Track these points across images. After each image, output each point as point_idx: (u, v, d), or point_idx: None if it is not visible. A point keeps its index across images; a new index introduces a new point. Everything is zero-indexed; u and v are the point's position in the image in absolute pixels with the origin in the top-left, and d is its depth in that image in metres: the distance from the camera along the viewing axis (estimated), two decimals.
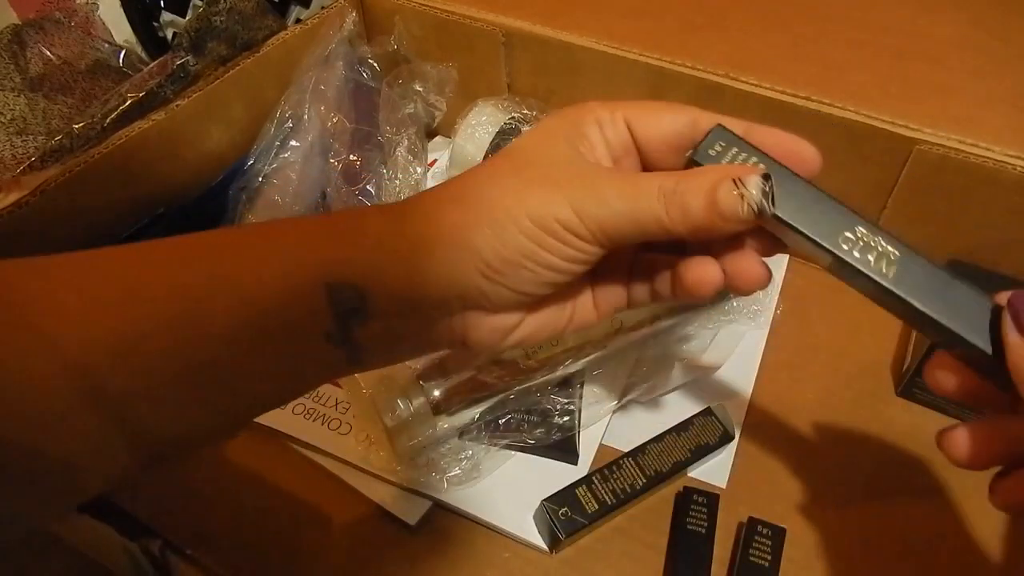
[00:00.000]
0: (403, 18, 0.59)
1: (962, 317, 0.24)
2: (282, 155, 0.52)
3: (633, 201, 0.23)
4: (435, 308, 0.24)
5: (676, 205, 0.22)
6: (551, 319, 0.27)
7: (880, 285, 0.24)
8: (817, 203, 0.24)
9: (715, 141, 0.25)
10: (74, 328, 0.21)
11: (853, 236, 0.24)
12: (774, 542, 0.37)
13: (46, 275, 0.22)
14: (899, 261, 0.24)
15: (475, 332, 0.25)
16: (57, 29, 0.49)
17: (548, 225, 0.22)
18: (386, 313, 0.23)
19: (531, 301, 0.25)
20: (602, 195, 0.23)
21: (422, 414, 0.38)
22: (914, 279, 0.24)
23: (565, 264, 0.23)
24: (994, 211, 0.44)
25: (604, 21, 0.53)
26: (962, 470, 0.41)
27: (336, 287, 0.23)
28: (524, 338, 0.27)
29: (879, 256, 0.24)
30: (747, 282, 0.25)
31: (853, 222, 0.24)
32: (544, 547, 0.39)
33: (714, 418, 0.42)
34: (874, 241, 0.24)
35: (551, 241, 0.23)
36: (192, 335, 0.22)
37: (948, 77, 0.48)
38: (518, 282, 0.23)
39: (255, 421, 0.43)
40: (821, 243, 0.24)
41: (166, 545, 0.37)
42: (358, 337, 0.24)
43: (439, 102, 0.59)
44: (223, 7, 0.49)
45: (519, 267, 0.23)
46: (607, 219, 0.23)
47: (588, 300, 0.28)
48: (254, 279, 0.23)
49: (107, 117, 0.45)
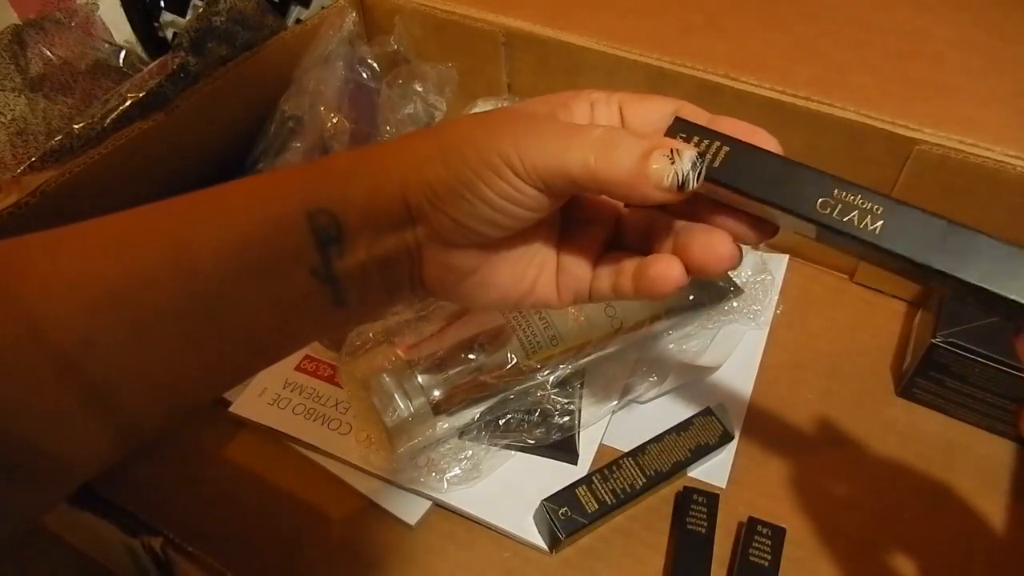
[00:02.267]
0: (403, 18, 0.59)
1: (969, 263, 0.23)
2: (282, 155, 0.52)
3: (568, 140, 0.23)
4: (395, 228, 0.25)
5: (607, 155, 0.23)
6: (508, 280, 0.27)
7: (868, 243, 0.23)
8: (789, 174, 0.24)
9: (676, 133, 0.25)
10: (61, 292, 0.23)
11: (831, 199, 0.23)
12: (774, 542, 0.37)
13: (30, 245, 0.24)
14: (884, 215, 0.23)
15: (429, 267, 0.26)
16: (57, 29, 0.49)
17: (489, 158, 0.23)
18: (356, 236, 0.25)
19: (479, 242, 0.26)
20: (544, 136, 0.23)
21: (422, 414, 0.38)
22: (906, 232, 0.23)
23: (501, 202, 0.24)
24: (994, 211, 0.44)
25: (604, 21, 0.54)
26: (961, 471, 0.41)
27: (315, 213, 0.24)
28: (477, 291, 0.27)
29: (862, 214, 0.23)
30: (714, 258, 0.25)
31: (829, 185, 0.24)
32: (544, 547, 0.39)
33: (714, 418, 0.42)
34: (854, 199, 0.23)
35: (489, 174, 0.23)
36: (181, 274, 0.23)
37: (948, 77, 0.48)
38: (458, 213, 0.24)
39: (255, 421, 0.43)
40: (795, 210, 0.24)
41: (167, 543, 0.37)
42: (338, 270, 0.25)
43: (439, 102, 0.59)
44: (223, 7, 0.49)
45: (459, 196, 0.24)
46: (542, 159, 0.23)
47: (551, 278, 0.28)
48: (239, 215, 0.24)
49: (107, 117, 0.44)
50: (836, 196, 0.23)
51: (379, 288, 0.27)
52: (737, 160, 0.24)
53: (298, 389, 0.44)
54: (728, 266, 0.25)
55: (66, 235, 0.24)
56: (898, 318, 0.50)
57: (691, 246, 0.25)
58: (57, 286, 0.23)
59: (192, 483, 0.42)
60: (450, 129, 0.25)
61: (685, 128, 0.25)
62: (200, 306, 0.24)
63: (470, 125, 0.25)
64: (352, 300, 0.26)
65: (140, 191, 0.48)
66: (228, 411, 0.43)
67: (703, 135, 0.25)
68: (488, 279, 0.27)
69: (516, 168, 0.23)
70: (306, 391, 0.44)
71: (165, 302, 0.23)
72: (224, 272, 0.24)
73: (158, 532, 0.37)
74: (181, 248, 0.24)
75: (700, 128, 0.25)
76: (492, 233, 0.25)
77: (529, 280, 0.28)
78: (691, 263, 0.25)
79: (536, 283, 0.28)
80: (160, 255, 0.24)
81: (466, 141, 0.24)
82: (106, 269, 0.23)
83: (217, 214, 0.25)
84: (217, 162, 0.52)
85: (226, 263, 0.24)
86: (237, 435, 0.44)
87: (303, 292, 0.25)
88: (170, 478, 0.42)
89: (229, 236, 0.24)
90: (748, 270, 0.50)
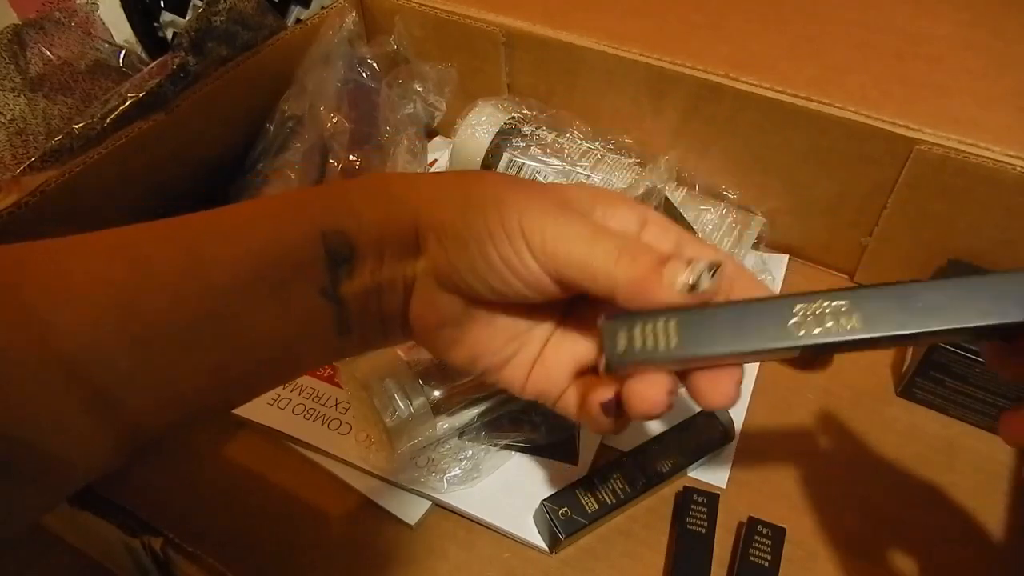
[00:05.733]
0: (403, 18, 0.59)
1: (949, 310, 0.23)
2: (282, 155, 0.52)
3: (592, 240, 0.24)
4: (400, 256, 0.26)
5: (627, 258, 0.23)
6: (483, 345, 0.27)
7: (855, 340, 0.23)
8: (748, 315, 0.23)
9: (616, 328, 0.24)
10: (72, 296, 0.23)
11: (799, 318, 0.23)
12: (774, 542, 0.37)
13: (42, 250, 0.24)
14: (853, 307, 0.23)
15: (417, 302, 0.26)
16: (57, 29, 0.49)
17: (509, 224, 0.23)
18: (365, 259, 0.25)
19: (469, 294, 0.26)
20: (570, 227, 0.24)
21: (422, 414, 0.38)
22: (881, 312, 0.23)
23: (502, 267, 0.24)
24: (994, 211, 0.44)
25: (604, 21, 0.53)
26: (961, 471, 0.41)
27: (329, 234, 0.25)
28: (452, 345, 0.27)
29: (834, 316, 0.23)
30: (714, 398, 0.25)
31: (789, 305, 0.23)
32: (544, 547, 0.39)
33: (714, 418, 0.42)
34: (819, 307, 0.23)
35: (502, 238, 0.23)
36: (192, 283, 0.24)
37: (948, 77, 0.48)
38: (458, 260, 0.24)
39: (255, 421, 0.43)
40: (776, 347, 0.23)
41: (167, 543, 0.37)
42: (345, 293, 0.25)
43: (439, 102, 0.59)
44: (223, 7, 0.49)
45: (464, 246, 0.24)
46: (565, 247, 0.23)
47: (525, 365, 0.28)
48: (255, 231, 0.25)
49: (107, 117, 0.44)
50: (801, 313, 0.23)
51: (376, 317, 0.27)
52: (691, 327, 0.23)
53: (298, 389, 0.45)
54: (731, 403, 0.25)
55: (79, 240, 0.24)
56: None
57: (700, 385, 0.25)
58: (68, 290, 0.23)
59: (192, 483, 0.42)
60: (479, 181, 0.26)
61: (624, 318, 0.24)
62: (208, 317, 0.24)
63: (502, 185, 0.25)
64: (353, 327, 0.27)
65: (140, 191, 0.48)
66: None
67: (647, 319, 0.24)
68: (465, 336, 0.27)
69: (533, 244, 0.23)
70: (306, 391, 0.44)
71: (174, 310, 0.24)
72: (236, 285, 0.24)
73: (158, 532, 0.37)
74: (194, 259, 0.24)
75: (639, 314, 0.24)
76: (482, 292, 0.25)
77: (503, 356, 0.28)
78: (699, 399, 0.25)
79: (509, 362, 0.28)
80: (173, 264, 0.24)
81: (492, 200, 0.24)
82: (117, 275, 0.23)
83: (233, 230, 0.25)
84: (217, 162, 0.52)
85: (239, 276, 0.24)
86: (237, 435, 0.44)
87: (310, 312, 0.25)
88: (170, 478, 0.42)
89: (243, 251, 0.24)
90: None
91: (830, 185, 0.49)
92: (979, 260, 0.45)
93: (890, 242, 0.48)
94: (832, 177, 0.48)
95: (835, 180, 0.48)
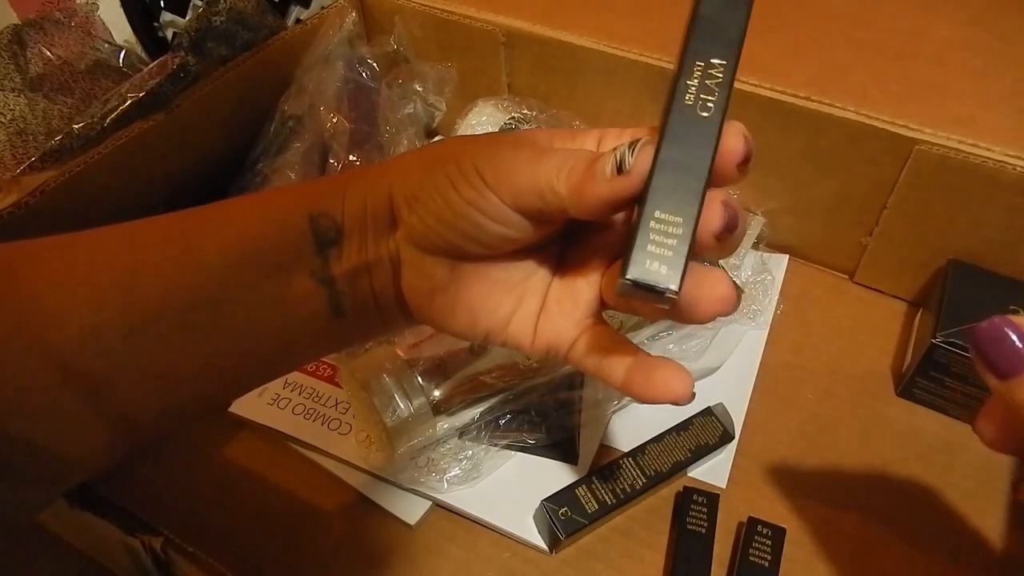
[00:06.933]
0: (403, 18, 0.59)
1: None
2: (282, 155, 0.52)
3: (537, 160, 0.24)
4: (381, 232, 0.26)
5: (566, 170, 0.24)
6: (480, 304, 0.27)
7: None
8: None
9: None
10: (72, 283, 0.24)
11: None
12: (774, 542, 0.37)
13: (48, 244, 0.25)
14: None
15: (406, 273, 0.27)
16: (57, 29, 0.49)
17: (464, 167, 0.24)
18: (350, 239, 0.26)
19: (449, 250, 0.26)
20: (520, 154, 0.25)
21: (422, 414, 0.38)
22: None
23: (466, 207, 0.24)
24: (994, 211, 0.44)
25: (604, 21, 0.53)
26: (961, 470, 0.41)
27: (316, 216, 0.26)
28: (447, 312, 0.27)
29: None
30: (711, 305, 0.24)
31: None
32: (544, 547, 0.39)
33: (714, 418, 0.42)
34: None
35: (461, 180, 0.24)
36: (187, 266, 0.25)
37: (948, 77, 0.48)
38: (427, 214, 0.25)
39: (255, 421, 0.43)
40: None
41: (167, 543, 0.37)
42: (335, 272, 0.26)
43: (439, 102, 0.59)
44: (223, 7, 0.49)
45: (429, 198, 0.25)
46: (512, 173, 0.24)
47: (530, 317, 0.28)
48: (246, 217, 0.26)
49: (107, 117, 0.44)
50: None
51: (368, 295, 0.27)
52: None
53: (298, 389, 0.45)
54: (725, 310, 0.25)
55: (81, 234, 0.26)
56: (898, 318, 0.50)
57: None
58: (71, 274, 0.24)
59: (192, 483, 0.42)
60: (439, 144, 0.27)
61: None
62: (203, 302, 0.25)
63: (456, 141, 0.27)
64: (348, 310, 0.27)
65: (140, 191, 0.48)
66: (228, 411, 0.43)
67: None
68: (460, 297, 0.27)
69: (488, 180, 0.24)
70: (306, 391, 0.44)
71: (171, 293, 0.25)
72: (228, 266, 0.25)
73: (158, 532, 0.37)
74: (190, 244, 0.25)
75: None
76: (461, 243, 0.25)
77: (504, 312, 0.27)
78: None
79: (512, 318, 0.28)
80: (169, 250, 0.25)
81: (450, 154, 0.25)
82: (116, 260, 0.25)
83: (225, 217, 0.27)
84: (217, 162, 0.52)
85: (231, 259, 0.25)
86: (237, 435, 0.44)
87: (303, 295, 0.26)
88: (170, 478, 0.42)
89: (235, 234, 0.26)
90: (748, 270, 0.50)
91: (830, 185, 0.49)
92: (979, 260, 0.45)
93: (890, 242, 0.49)
94: (832, 177, 0.48)
95: (835, 180, 0.48)
